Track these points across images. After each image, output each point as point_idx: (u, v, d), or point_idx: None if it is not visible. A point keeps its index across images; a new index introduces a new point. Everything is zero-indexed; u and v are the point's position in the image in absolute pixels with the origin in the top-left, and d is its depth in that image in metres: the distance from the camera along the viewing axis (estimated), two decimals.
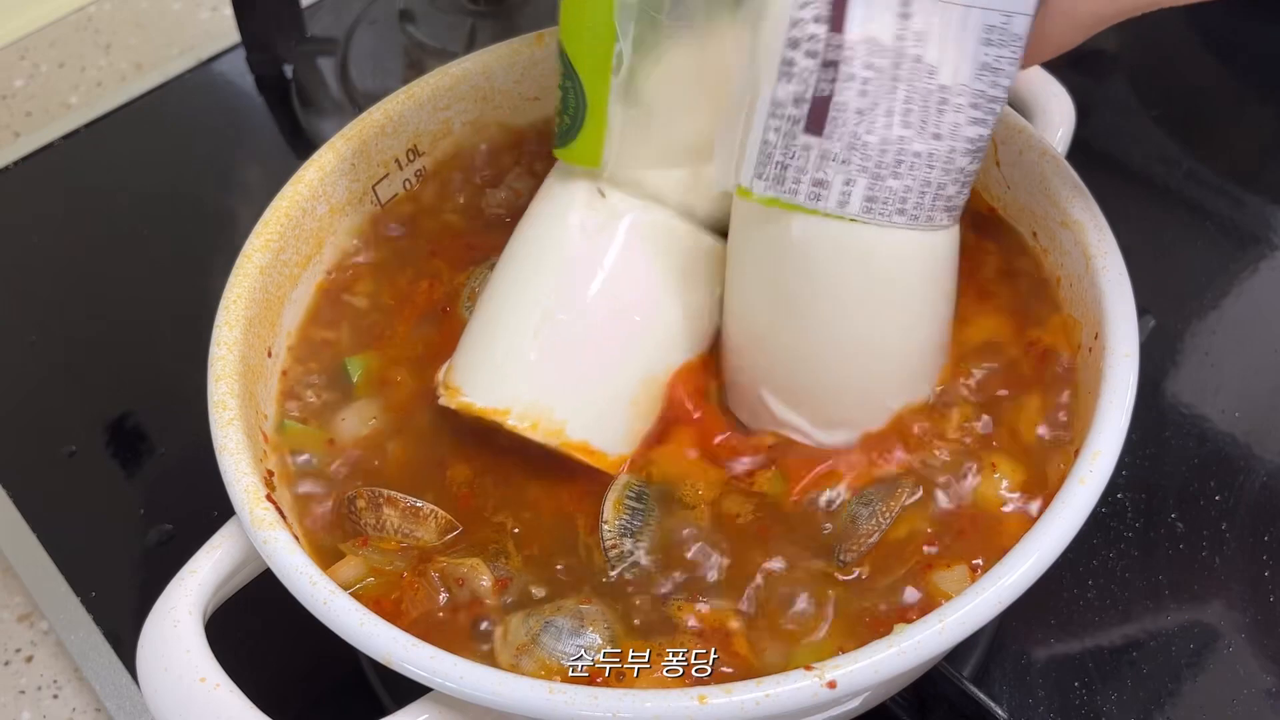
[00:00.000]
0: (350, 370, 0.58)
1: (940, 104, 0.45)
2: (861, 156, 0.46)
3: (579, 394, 0.52)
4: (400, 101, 0.64)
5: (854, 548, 0.49)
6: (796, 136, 0.46)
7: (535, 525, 0.52)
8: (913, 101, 0.45)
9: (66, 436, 0.73)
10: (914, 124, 0.46)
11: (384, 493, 0.52)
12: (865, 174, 0.46)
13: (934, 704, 0.56)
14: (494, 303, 0.55)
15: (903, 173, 0.46)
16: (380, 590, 0.49)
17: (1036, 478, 0.51)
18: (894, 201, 0.47)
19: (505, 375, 0.52)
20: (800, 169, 0.46)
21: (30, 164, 0.89)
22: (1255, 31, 0.90)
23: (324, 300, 0.61)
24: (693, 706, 0.41)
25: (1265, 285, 0.75)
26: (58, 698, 0.63)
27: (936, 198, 0.47)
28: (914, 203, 0.47)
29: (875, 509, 0.50)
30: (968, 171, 0.47)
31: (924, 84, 0.45)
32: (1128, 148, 0.84)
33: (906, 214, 0.47)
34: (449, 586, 0.49)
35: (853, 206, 0.47)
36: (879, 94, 0.45)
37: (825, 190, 0.46)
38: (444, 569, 0.49)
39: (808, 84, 0.45)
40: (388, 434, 0.56)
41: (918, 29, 0.44)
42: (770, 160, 0.46)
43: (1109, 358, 0.50)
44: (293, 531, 0.49)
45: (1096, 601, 0.61)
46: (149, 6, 1.04)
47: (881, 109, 0.45)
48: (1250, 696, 0.58)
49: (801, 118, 0.45)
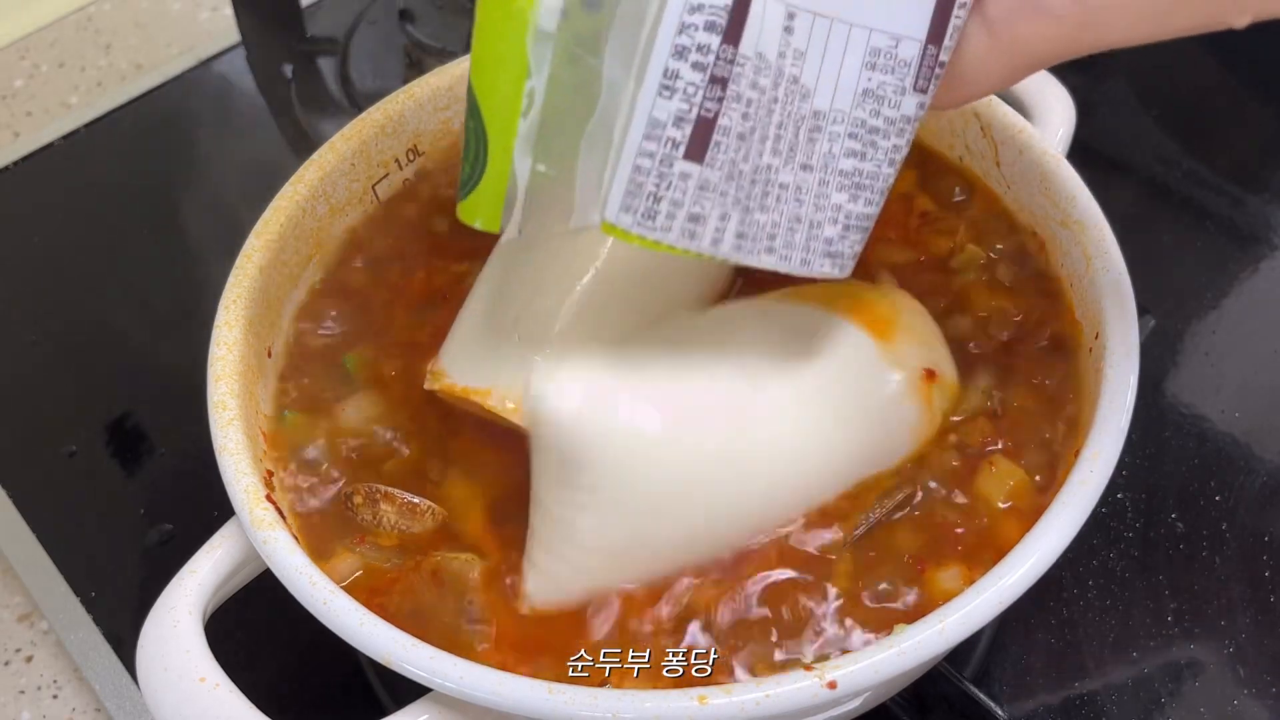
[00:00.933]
0: (349, 366, 0.58)
1: (812, 131, 0.40)
2: (736, 187, 0.40)
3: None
4: (400, 101, 0.64)
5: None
6: (674, 163, 0.39)
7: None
8: (784, 127, 0.40)
9: (66, 436, 0.73)
10: (782, 151, 0.41)
11: (381, 489, 0.52)
12: (739, 207, 0.41)
13: (934, 704, 0.56)
14: (482, 290, 0.55)
15: (769, 205, 0.41)
16: (373, 582, 0.50)
17: (1037, 477, 0.51)
18: (762, 239, 0.42)
19: (487, 357, 0.52)
20: (675, 202, 0.40)
21: (30, 164, 0.89)
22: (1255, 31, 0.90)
23: (324, 298, 0.61)
24: (693, 706, 0.41)
25: (1265, 285, 0.75)
26: (57, 698, 0.63)
27: (811, 238, 0.42)
28: (783, 241, 0.42)
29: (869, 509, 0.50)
30: (851, 213, 0.43)
31: (796, 108, 0.40)
32: (1128, 148, 0.84)
33: (776, 253, 0.42)
34: (444, 581, 0.49)
35: (725, 245, 0.41)
36: (758, 118, 0.39)
37: (700, 227, 0.40)
38: (439, 564, 0.49)
39: (692, 102, 0.38)
40: (385, 428, 0.56)
41: (798, 46, 0.39)
42: (641, 191, 0.39)
43: (1109, 358, 0.50)
44: (292, 531, 0.49)
45: (1096, 601, 0.61)
46: (149, 6, 1.04)
47: (757, 134, 0.40)
48: (1250, 697, 0.58)
49: (682, 141, 0.39)
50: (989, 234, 0.59)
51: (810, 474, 0.49)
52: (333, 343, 0.59)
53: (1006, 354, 0.55)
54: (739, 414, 0.48)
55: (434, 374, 0.53)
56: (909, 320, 0.52)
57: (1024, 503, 0.50)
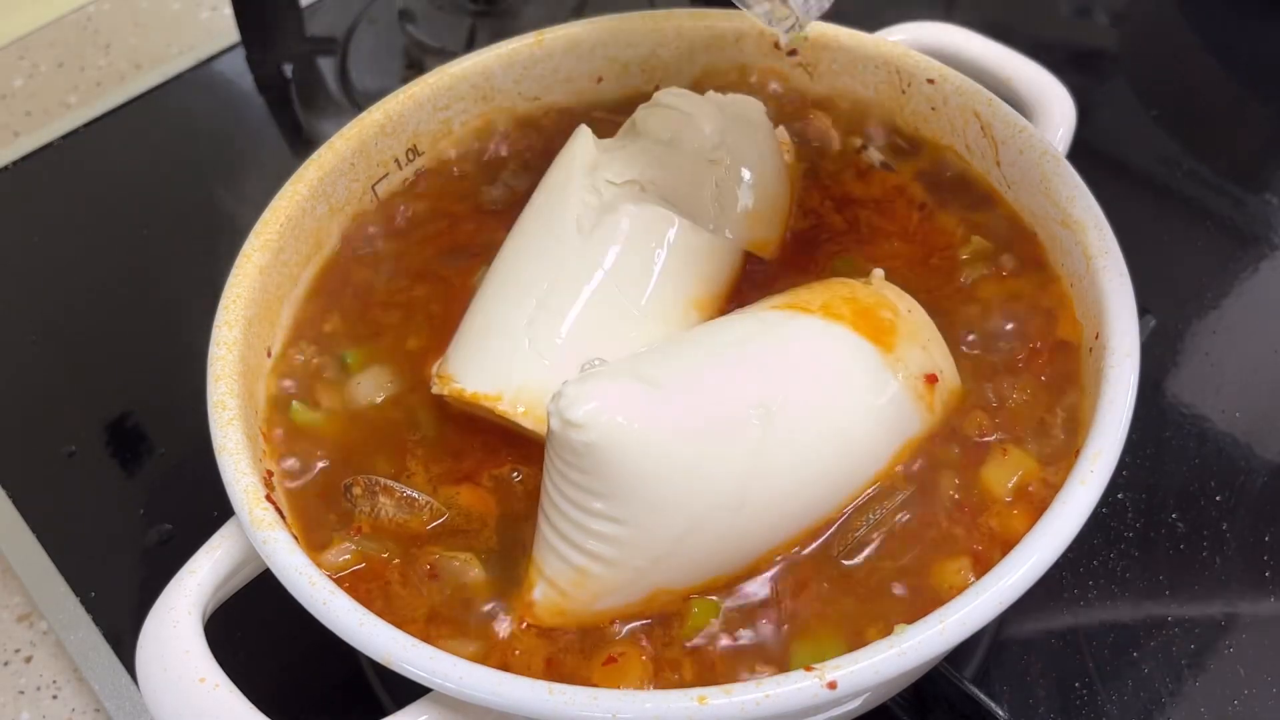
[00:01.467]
0: (349, 362, 0.58)
1: None
2: None
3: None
4: (400, 101, 0.64)
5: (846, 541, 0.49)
6: None
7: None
8: None
9: (66, 436, 0.73)
10: None
11: (381, 481, 0.52)
12: None
13: (934, 704, 0.56)
14: (490, 294, 0.55)
15: None
16: (368, 575, 0.50)
17: (1037, 476, 0.51)
18: None
19: (497, 363, 0.52)
20: None
21: (30, 164, 0.90)
22: (1255, 31, 0.90)
23: (323, 296, 0.61)
24: (693, 706, 0.41)
25: (1265, 285, 0.75)
26: (57, 698, 0.63)
27: None
28: None
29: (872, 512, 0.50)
30: None
31: None
32: (1128, 148, 0.84)
33: None
34: (440, 576, 0.49)
35: None
36: None
37: None
38: (437, 561, 0.49)
39: None
40: (383, 422, 0.56)
41: None
42: None
43: (1109, 358, 0.50)
44: (291, 531, 0.49)
45: (1096, 601, 0.61)
46: (149, 6, 1.04)
47: None
48: (1250, 697, 0.58)
49: None
50: (989, 233, 0.59)
51: (819, 485, 0.49)
52: (333, 338, 0.59)
53: (1007, 354, 0.55)
54: (754, 429, 0.47)
55: (441, 378, 0.54)
56: (908, 325, 0.52)
57: (1024, 500, 0.50)
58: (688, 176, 0.57)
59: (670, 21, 0.68)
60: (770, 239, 0.60)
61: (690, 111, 0.59)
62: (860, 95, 0.66)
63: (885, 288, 0.55)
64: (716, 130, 0.59)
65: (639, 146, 0.58)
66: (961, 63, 0.64)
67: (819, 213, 0.62)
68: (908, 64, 0.63)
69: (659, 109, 0.60)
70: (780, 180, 0.61)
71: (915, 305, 0.54)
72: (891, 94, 0.65)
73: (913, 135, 0.65)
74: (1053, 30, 0.93)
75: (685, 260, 0.55)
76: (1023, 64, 0.65)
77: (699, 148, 0.58)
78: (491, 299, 0.55)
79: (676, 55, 0.69)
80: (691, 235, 0.55)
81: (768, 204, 0.60)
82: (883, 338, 0.51)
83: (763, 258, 0.60)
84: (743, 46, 0.67)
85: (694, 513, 0.46)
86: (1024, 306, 0.56)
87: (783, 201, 0.61)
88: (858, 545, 0.49)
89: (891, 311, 0.52)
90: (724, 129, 0.59)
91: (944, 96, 0.62)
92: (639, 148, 0.58)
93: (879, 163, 0.64)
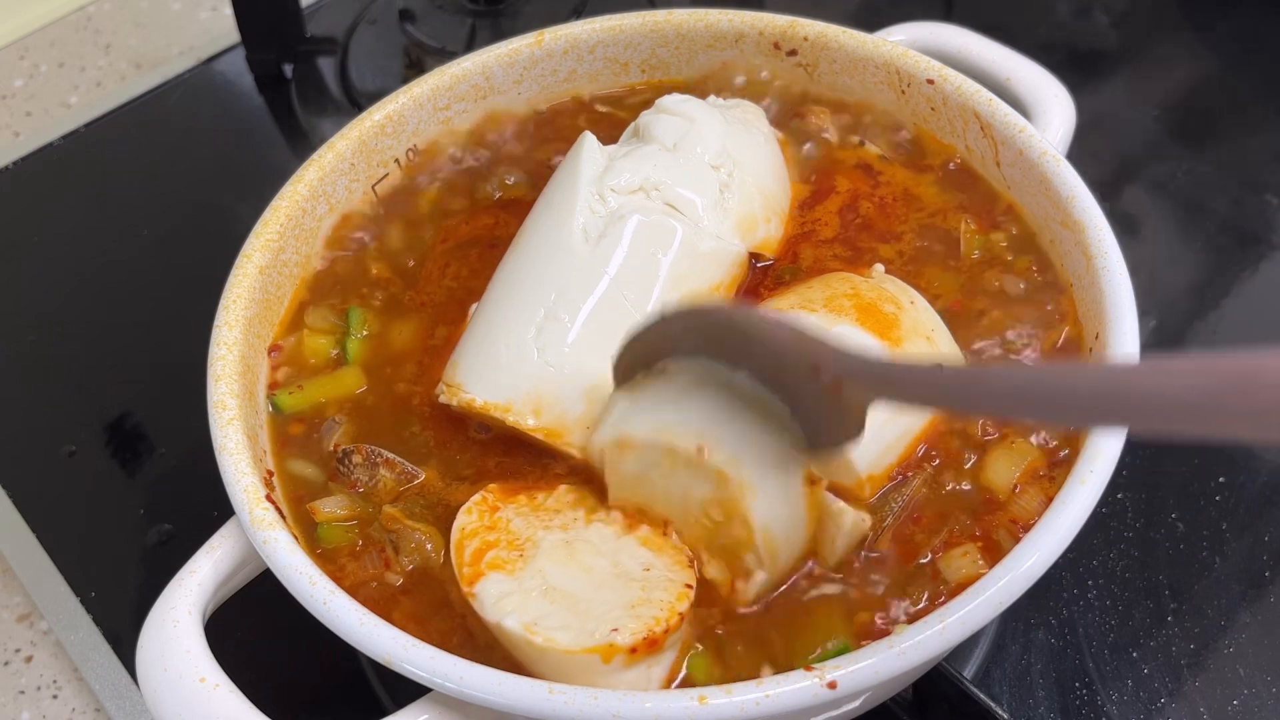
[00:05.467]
0: (349, 359, 0.58)
1: None
2: None
3: (579, 393, 0.52)
4: (400, 101, 0.64)
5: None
6: None
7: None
8: None
9: (66, 436, 0.73)
10: None
11: (383, 454, 0.53)
12: None
13: (934, 704, 0.56)
14: (496, 303, 0.55)
15: None
16: (343, 547, 0.51)
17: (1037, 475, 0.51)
18: None
19: (506, 373, 0.53)
20: None
21: (30, 164, 0.89)
22: (1255, 32, 0.90)
23: (323, 294, 0.61)
24: (693, 706, 0.41)
25: (1265, 285, 0.75)
26: (57, 698, 0.63)
27: None
28: None
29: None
30: None
31: None
32: (1128, 148, 0.84)
33: None
34: (401, 549, 0.50)
35: None
36: None
37: None
38: (400, 531, 0.50)
39: None
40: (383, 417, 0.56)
41: None
42: None
43: (1109, 357, 0.50)
44: (291, 531, 0.49)
45: (1096, 601, 0.61)
46: (149, 6, 1.04)
47: None
48: (1250, 696, 0.58)
49: None
50: (989, 233, 0.59)
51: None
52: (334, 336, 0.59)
53: (1007, 353, 0.55)
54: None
55: (449, 387, 0.54)
56: (911, 317, 0.52)
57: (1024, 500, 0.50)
58: (692, 183, 0.57)
59: (670, 21, 0.68)
60: (773, 239, 0.60)
61: (694, 118, 0.59)
62: (860, 95, 0.66)
63: (887, 281, 0.55)
64: (719, 136, 0.59)
65: (643, 153, 0.58)
66: (961, 63, 0.64)
67: (819, 212, 0.62)
68: (907, 64, 0.63)
69: (663, 115, 0.60)
70: (781, 182, 0.62)
71: (918, 297, 0.54)
72: (891, 94, 0.65)
73: (913, 135, 0.65)
74: (1053, 30, 0.93)
75: (691, 265, 0.55)
76: (1022, 64, 0.65)
77: (702, 154, 0.58)
78: (498, 307, 0.55)
79: (676, 55, 0.69)
80: (696, 241, 0.56)
81: (770, 206, 0.60)
82: (887, 331, 0.51)
83: (766, 258, 0.60)
84: (743, 46, 0.67)
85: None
86: (1024, 306, 0.56)
87: (784, 202, 0.61)
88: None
89: (894, 305, 0.52)
90: (726, 134, 0.59)
91: (944, 96, 0.62)
92: (643, 154, 0.58)
93: (878, 161, 0.64)
